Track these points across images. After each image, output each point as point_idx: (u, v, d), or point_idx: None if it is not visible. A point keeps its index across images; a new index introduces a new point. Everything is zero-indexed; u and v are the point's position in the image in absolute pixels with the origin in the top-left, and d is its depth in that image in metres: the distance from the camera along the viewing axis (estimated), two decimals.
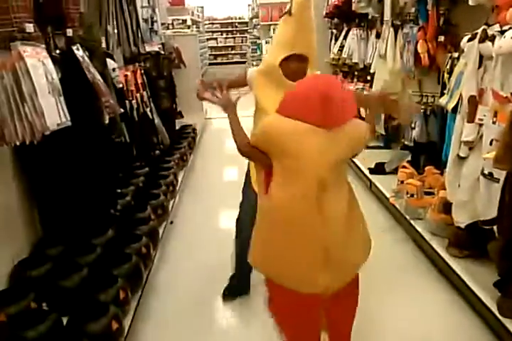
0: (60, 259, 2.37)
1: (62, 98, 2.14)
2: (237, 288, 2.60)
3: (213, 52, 17.11)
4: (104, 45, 3.24)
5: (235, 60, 17.20)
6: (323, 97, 1.50)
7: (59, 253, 2.45)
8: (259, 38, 10.96)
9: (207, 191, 4.41)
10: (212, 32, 17.29)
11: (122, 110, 2.76)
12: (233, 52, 17.55)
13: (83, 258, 2.38)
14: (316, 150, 1.54)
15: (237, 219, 2.49)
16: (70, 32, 2.47)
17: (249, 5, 14.00)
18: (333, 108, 1.51)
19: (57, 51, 2.41)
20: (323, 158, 1.55)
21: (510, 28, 2.08)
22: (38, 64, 2.00)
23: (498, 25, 2.27)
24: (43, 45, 2.13)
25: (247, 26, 16.06)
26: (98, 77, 2.53)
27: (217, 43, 17.26)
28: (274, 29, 8.73)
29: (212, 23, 17.41)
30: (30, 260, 2.35)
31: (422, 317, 2.36)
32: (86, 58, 2.51)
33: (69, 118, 2.15)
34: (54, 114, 2.04)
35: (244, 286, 2.60)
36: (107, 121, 2.58)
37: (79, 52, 2.46)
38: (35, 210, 2.61)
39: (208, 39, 16.18)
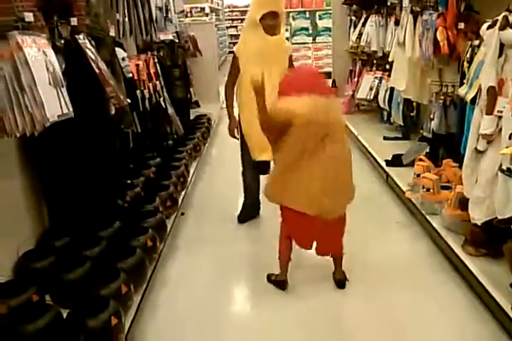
0: (65, 251, 2.36)
1: (64, 89, 2.10)
2: (248, 212, 3.36)
3: (233, 40, 16.93)
4: (114, 33, 3.19)
5: None
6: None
7: (64, 244, 2.44)
8: None
9: (220, 182, 4.34)
10: (232, 20, 17.08)
11: (129, 101, 2.70)
12: None
13: (88, 251, 2.36)
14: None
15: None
16: (74, 21, 2.42)
17: None
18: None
19: (62, 40, 2.37)
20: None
21: None
22: (38, 54, 1.95)
23: None
24: (44, 35, 2.09)
25: None
26: (104, 67, 2.48)
27: (237, 31, 17.02)
28: (293, 17, 8.61)
29: (232, 11, 17.20)
30: (35, 252, 2.34)
31: (434, 315, 2.28)
32: (91, 47, 2.46)
33: (71, 109, 2.11)
34: (55, 105, 2.01)
35: (254, 210, 3.39)
36: (112, 112, 2.53)
37: (84, 42, 2.41)
38: (43, 201, 2.60)
39: (227, 27, 16.02)
